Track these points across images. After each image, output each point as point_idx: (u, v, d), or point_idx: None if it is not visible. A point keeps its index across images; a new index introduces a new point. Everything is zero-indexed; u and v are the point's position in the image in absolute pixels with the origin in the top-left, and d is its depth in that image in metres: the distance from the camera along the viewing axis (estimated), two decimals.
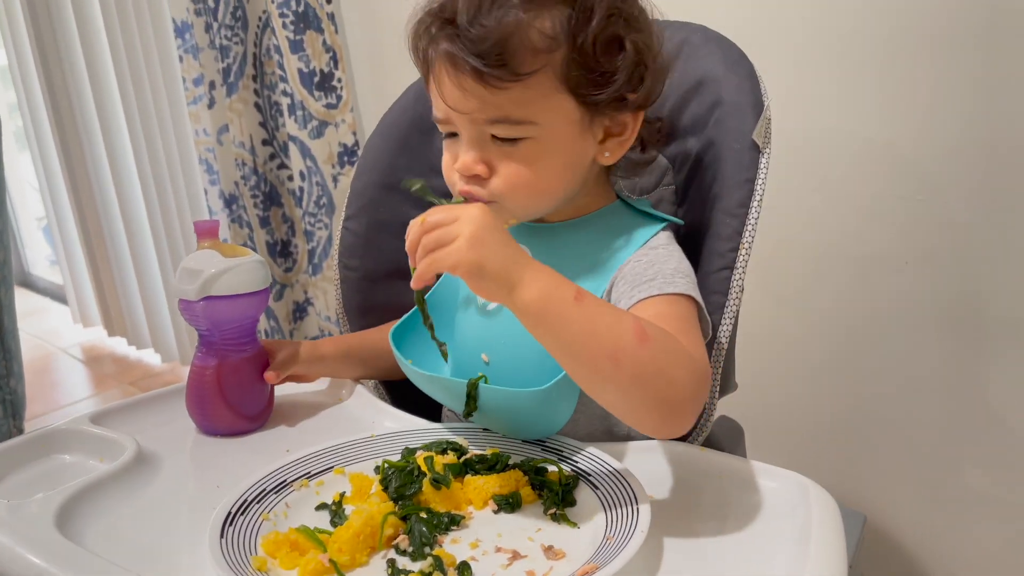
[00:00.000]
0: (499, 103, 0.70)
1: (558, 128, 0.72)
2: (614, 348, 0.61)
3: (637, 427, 0.66)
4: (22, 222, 3.45)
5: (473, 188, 0.75)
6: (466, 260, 0.61)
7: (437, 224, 0.62)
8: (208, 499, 0.70)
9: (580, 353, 0.62)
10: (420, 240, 0.63)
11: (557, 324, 0.62)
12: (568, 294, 0.62)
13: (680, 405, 0.64)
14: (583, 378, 0.65)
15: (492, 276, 0.61)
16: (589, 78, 0.71)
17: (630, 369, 0.61)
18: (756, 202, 0.79)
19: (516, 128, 0.72)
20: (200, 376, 0.82)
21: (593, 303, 0.63)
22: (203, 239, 0.82)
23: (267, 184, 1.85)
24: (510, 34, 0.68)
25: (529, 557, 0.62)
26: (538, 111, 0.71)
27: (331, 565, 0.59)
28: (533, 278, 0.62)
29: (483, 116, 0.72)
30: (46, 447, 0.79)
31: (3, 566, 0.61)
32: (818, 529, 0.63)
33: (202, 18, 1.76)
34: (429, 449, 0.74)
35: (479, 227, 0.61)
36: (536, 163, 0.73)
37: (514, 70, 0.69)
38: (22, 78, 2.69)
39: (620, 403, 0.65)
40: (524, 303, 0.62)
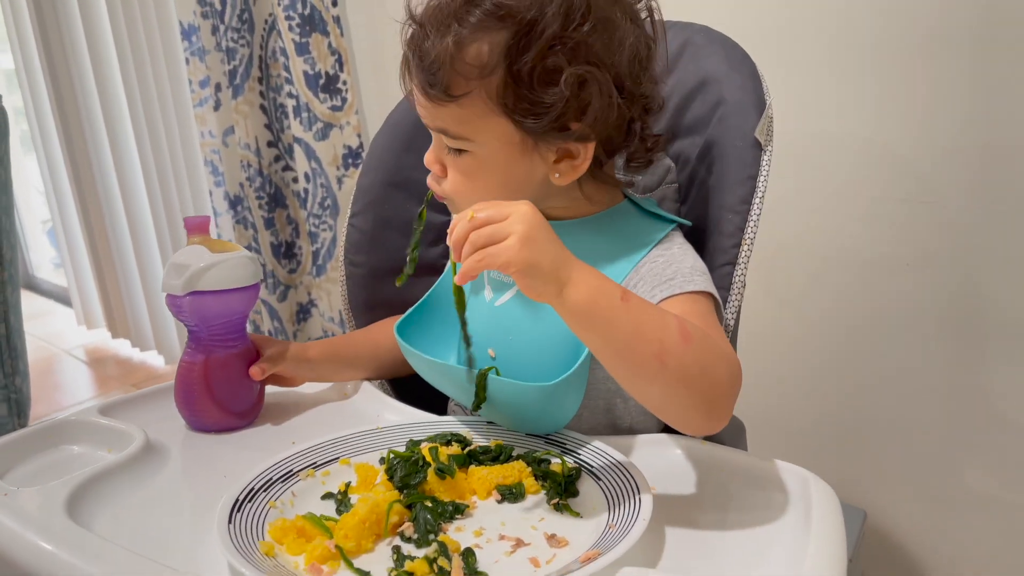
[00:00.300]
0: (440, 115, 0.73)
1: (495, 147, 0.74)
2: (660, 348, 0.62)
3: (678, 425, 0.67)
4: (27, 225, 3.46)
5: (433, 184, 0.79)
6: (519, 259, 0.60)
7: (487, 221, 0.61)
8: (215, 489, 0.71)
9: (627, 353, 0.62)
10: (467, 236, 0.61)
11: (604, 324, 0.62)
12: (615, 294, 0.62)
13: (721, 402, 0.65)
14: (628, 377, 0.65)
15: (543, 275, 0.61)
16: (523, 106, 0.71)
17: (676, 368, 0.62)
18: (758, 199, 0.80)
19: (455, 141, 0.74)
20: (188, 372, 0.82)
21: (638, 303, 0.63)
22: (193, 235, 0.82)
23: (272, 186, 1.86)
24: (445, 58, 0.70)
25: (532, 545, 0.63)
26: (474, 130, 0.73)
27: (337, 551, 0.60)
28: (581, 277, 0.62)
29: (430, 123, 0.75)
30: (55, 438, 0.80)
31: (14, 552, 0.61)
32: (818, 521, 0.63)
33: (209, 20, 1.77)
34: (434, 441, 0.75)
35: (531, 225, 0.61)
36: (474, 176, 0.75)
37: (447, 91, 0.71)
38: (29, 82, 2.71)
39: (664, 402, 0.65)
40: (573, 302, 0.61)
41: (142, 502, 0.70)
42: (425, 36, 0.71)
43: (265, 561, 0.58)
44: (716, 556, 0.62)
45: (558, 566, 0.59)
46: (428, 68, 0.71)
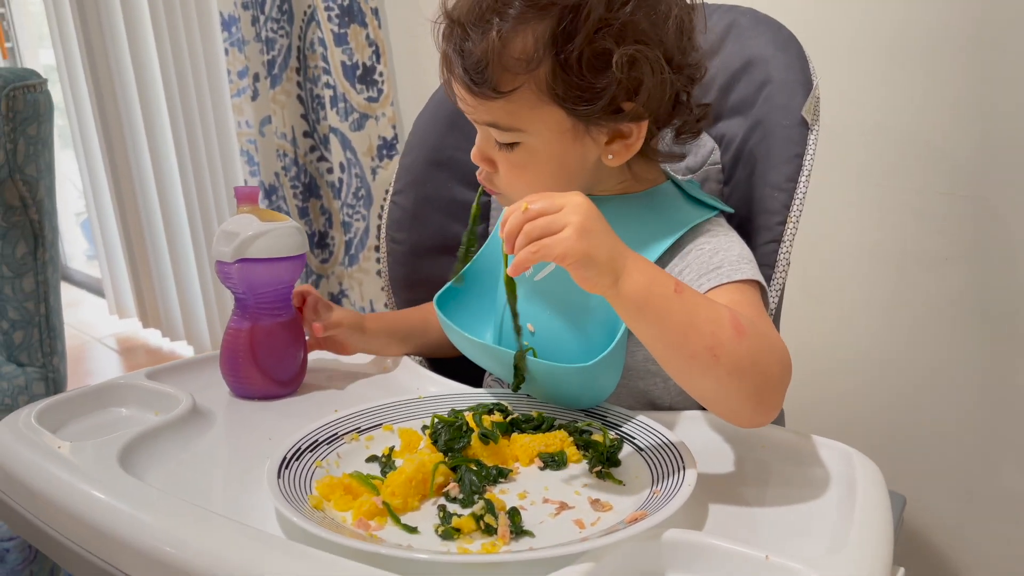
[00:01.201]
0: (489, 110, 0.73)
1: (547, 137, 0.73)
2: (713, 341, 0.61)
3: (728, 418, 0.67)
4: (61, 217, 3.51)
5: (484, 180, 0.79)
6: (575, 250, 0.59)
7: (541, 212, 0.60)
8: (261, 450, 0.72)
9: (680, 345, 0.62)
10: (521, 227, 0.61)
11: (658, 315, 0.62)
12: (669, 286, 0.62)
13: (772, 395, 0.65)
14: (680, 369, 0.64)
15: (599, 266, 0.60)
16: (574, 93, 0.70)
17: (728, 362, 0.62)
18: (804, 177, 0.80)
19: (506, 134, 0.73)
20: (234, 338, 0.83)
21: (692, 295, 0.63)
22: (243, 204, 0.83)
23: (307, 176, 1.88)
24: (489, 56, 0.69)
25: (576, 508, 0.63)
26: (525, 121, 0.72)
27: (384, 507, 0.61)
28: (636, 268, 0.61)
29: (478, 118, 0.75)
30: (103, 400, 0.81)
31: (69, 502, 0.62)
32: (863, 494, 0.63)
33: (249, 11, 1.80)
34: (476, 410, 0.76)
35: (586, 216, 0.60)
36: (529, 167, 0.75)
37: (495, 88, 0.70)
38: (69, 77, 2.76)
39: (715, 394, 0.65)
40: (627, 293, 0.61)
41: (191, 458, 0.71)
42: (465, 35, 0.70)
43: (314, 514, 0.59)
44: (760, 526, 0.62)
45: (603, 528, 0.59)
46: (473, 67, 0.70)
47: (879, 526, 0.59)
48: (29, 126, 1.46)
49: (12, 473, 0.67)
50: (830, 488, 0.66)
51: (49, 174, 1.54)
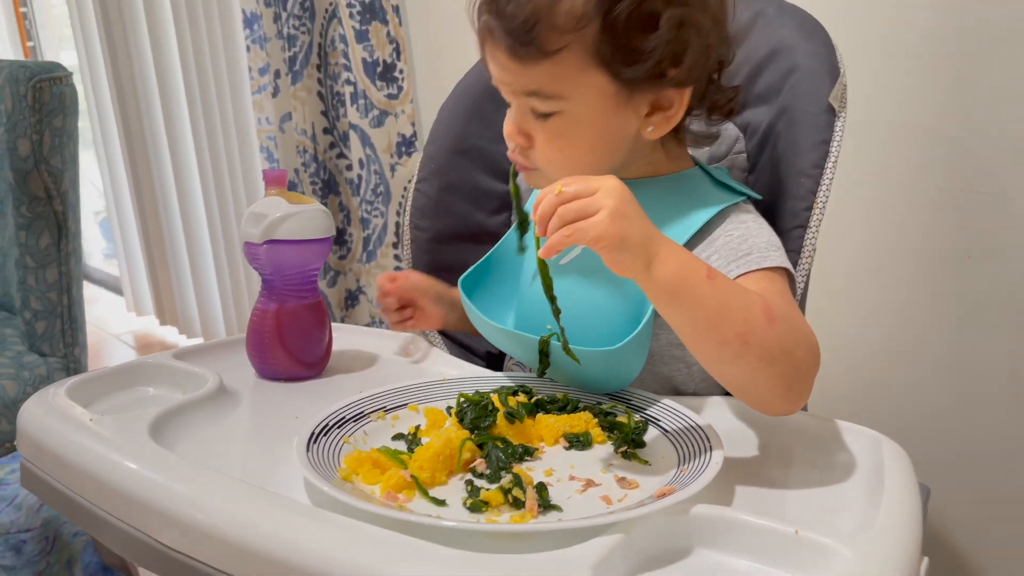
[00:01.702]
0: (532, 77, 0.72)
1: (591, 103, 0.72)
2: (745, 328, 0.61)
3: (757, 406, 0.67)
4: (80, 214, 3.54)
5: (517, 157, 0.78)
6: (609, 233, 0.59)
7: (576, 195, 0.60)
8: (287, 427, 0.72)
9: (710, 331, 0.62)
10: (554, 210, 0.60)
11: (690, 301, 0.62)
12: (701, 272, 0.62)
13: (801, 383, 0.65)
14: (710, 356, 0.64)
15: (632, 250, 0.60)
16: (621, 55, 0.70)
17: (759, 349, 0.62)
18: (831, 163, 0.80)
19: (548, 102, 0.73)
20: (261, 319, 0.84)
21: (724, 282, 0.63)
22: (271, 186, 0.84)
23: (326, 172, 1.89)
24: (538, 14, 0.69)
25: (603, 485, 0.63)
26: (569, 87, 0.72)
27: (412, 481, 0.61)
28: (669, 253, 0.61)
29: (519, 88, 0.73)
30: (131, 378, 0.82)
31: (100, 472, 0.63)
32: (891, 478, 0.63)
33: (271, 8, 1.81)
34: (500, 392, 0.76)
35: (620, 200, 0.60)
36: (568, 136, 0.74)
37: (541, 48, 0.69)
38: (91, 77, 2.79)
39: (745, 381, 0.65)
40: (660, 278, 0.61)
41: (219, 434, 0.72)
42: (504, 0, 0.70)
43: (344, 485, 0.59)
44: (788, 505, 0.62)
45: (630, 504, 0.60)
46: (519, 28, 0.69)
47: (908, 507, 0.59)
48: (55, 118, 1.48)
49: (43, 445, 0.68)
50: (857, 470, 0.66)
51: (73, 166, 1.56)
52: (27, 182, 1.48)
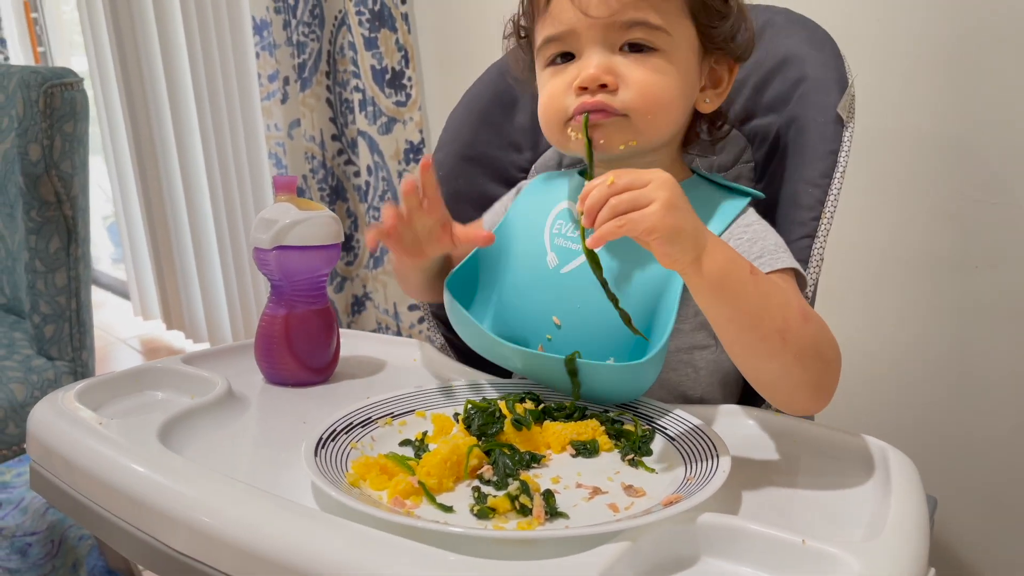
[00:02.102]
0: (638, 5, 0.73)
1: (683, 49, 0.75)
2: (784, 324, 0.62)
3: (783, 403, 0.68)
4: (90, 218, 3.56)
5: (602, 98, 0.74)
6: (663, 225, 0.59)
7: (628, 186, 0.60)
8: (295, 432, 0.72)
9: (752, 326, 0.63)
10: (605, 201, 0.60)
11: (734, 295, 0.62)
12: (745, 266, 0.63)
13: (829, 382, 0.66)
14: (747, 352, 0.65)
15: (683, 243, 0.60)
16: (706, 12, 0.75)
17: (795, 346, 0.63)
18: (839, 173, 0.80)
19: (653, 34, 0.73)
20: (269, 324, 0.84)
21: (764, 278, 0.64)
22: (281, 192, 0.85)
23: (334, 178, 1.90)
24: None
25: (610, 493, 0.63)
26: (671, 24, 0.74)
27: (420, 487, 0.61)
28: (716, 247, 0.62)
29: (622, 18, 0.73)
30: (140, 383, 0.83)
31: (109, 475, 0.63)
32: (898, 488, 0.62)
33: (281, 16, 1.82)
34: (508, 398, 0.76)
35: (672, 192, 0.60)
36: (664, 76, 0.74)
37: None
38: (101, 83, 2.81)
39: (778, 378, 0.66)
40: (708, 271, 0.61)
41: (227, 438, 0.72)
42: None
43: (352, 490, 0.59)
44: (795, 514, 0.62)
45: (637, 512, 0.60)
46: None
47: (915, 516, 0.59)
48: (66, 123, 1.48)
49: (52, 448, 0.69)
50: (864, 480, 0.66)
51: (83, 171, 1.57)
52: (37, 187, 1.49)
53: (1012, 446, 1.16)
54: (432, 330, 1.00)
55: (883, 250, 1.22)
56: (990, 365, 1.16)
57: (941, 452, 1.22)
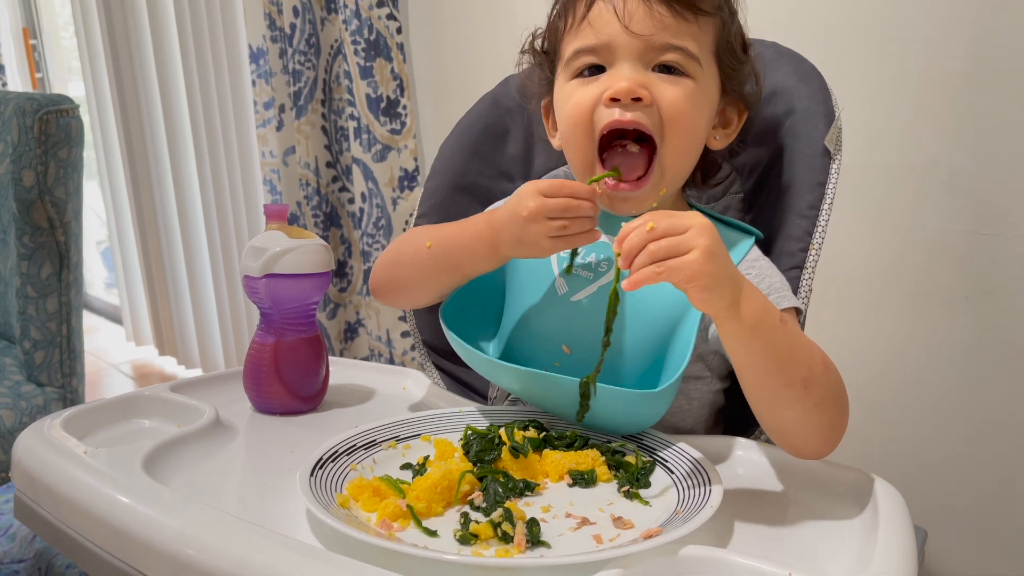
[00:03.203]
0: (680, 32, 0.74)
1: (710, 83, 0.78)
2: (808, 374, 0.63)
3: (794, 449, 0.68)
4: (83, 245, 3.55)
5: (635, 116, 0.74)
6: (704, 273, 0.59)
7: (667, 232, 0.60)
8: (283, 461, 0.72)
9: (779, 372, 0.63)
10: (644, 245, 0.60)
11: (767, 342, 0.63)
12: (776, 314, 0.64)
13: (840, 430, 0.67)
14: (771, 396, 0.65)
15: (721, 290, 0.61)
16: (730, 56, 0.78)
17: (816, 394, 0.64)
18: (827, 205, 0.80)
19: (688, 61, 0.75)
20: (258, 352, 0.84)
21: (793, 326, 0.65)
22: (271, 221, 0.85)
23: (328, 205, 1.90)
24: None
25: (598, 524, 0.63)
26: (705, 58, 0.76)
27: (408, 511, 0.61)
28: (751, 294, 0.63)
29: (661, 40, 0.74)
30: (127, 411, 0.82)
31: (92, 505, 0.63)
32: (886, 520, 0.62)
33: (277, 44, 1.84)
34: (512, 425, 0.75)
35: (712, 239, 0.60)
36: (693, 102, 0.76)
37: (699, 6, 0.75)
38: (98, 109, 2.82)
39: (795, 425, 0.66)
40: (745, 317, 0.62)
41: (214, 467, 0.72)
42: None
43: (339, 511, 0.59)
44: (784, 547, 0.62)
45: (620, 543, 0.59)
46: None
47: (903, 548, 0.59)
48: (60, 149, 1.49)
49: (37, 477, 0.68)
50: (852, 512, 0.66)
51: (77, 197, 1.57)
52: (30, 212, 1.49)
53: (1003, 477, 1.16)
54: (423, 357, 1.00)
55: (873, 283, 1.22)
56: (982, 397, 1.16)
57: (931, 483, 1.22)
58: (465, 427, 0.73)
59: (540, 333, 0.82)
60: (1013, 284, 1.11)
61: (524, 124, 1.01)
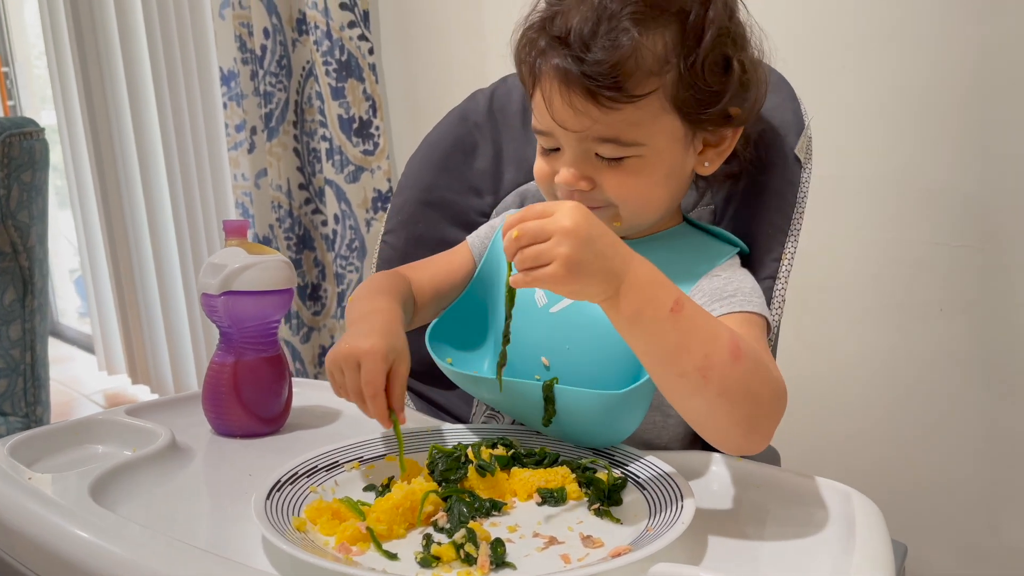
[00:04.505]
0: (610, 123, 0.72)
1: (663, 146, 0.74)
2: (704, 362, 0.61)
3: (716, 441, 0.66)
4: (55, 273, 3.51)
5: (581, 196, 0.75)
6: (563, 287, 0.60)
7: (533, 239, 0.59)
8: (241, 485, 0.69)
9: (668, 360, 0.62)
10: (514, 249, 0.60)
11: (648, 332, 0.61)
12: (666, 304, 0.61)
13: (764, 422, 0.65)
14: (669, 387, 0.64)
15: (588, 289, 0.60)
16: (697, 98, 0.72)
17: (718, 384, 0.61)
18: (798, 214, 0.79)
19: (624, 148, 0.73)
20: (217, 373, 0.81)
21: (692, 315, 0.62)
22: (231, 237, 0.83)
23: (301, 227, 1.88)
24: (626, 57, 0.69)
25: (566, 544, 0.61)
26: (646, 132, 0.73)
27: (368, 533, 0.59)
28: (632, 287, 0.60)
29: (592, 134, 0.73)
30: (79, 436, 0.79)
31: (35, 533, 0.60)
32: (863, 534, 0.61)
33: (248, 66, 1.82)
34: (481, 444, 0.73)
35: (575, 246, 0.59)
36: (640, 175, 0.74)
37: (628, 92, 0.70)
38: (69, 137, 2.79)
39: (704, 416, 0.65)
40: (621, 308, 0.61)
41: (166, 492, 0.69)
42: (585, 46, 0.70)
43: (295, 535, 0.57)
44: (760, 563, 0.60)
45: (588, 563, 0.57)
46: (607, 73, 0.69)
47: (881, 563, 0.57)
48: (23, 172, 1.46)
49: None
50: (829, 526, 0.64)
51: (41, 222, 1.54)
52: None
53: (985, 491, 1.14)
54: None
55: (851, 294, 1.22)
56: (961, 409, 1.15)
57: (913, 497, 1.20)
58: (431, 447, 0.70)
59: (522, 346, 0.80)
60: (988, 296, 1.10)
61: (492, 139, 1.00)
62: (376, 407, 0.69)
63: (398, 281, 0.85)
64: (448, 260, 0.91)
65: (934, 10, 1.07)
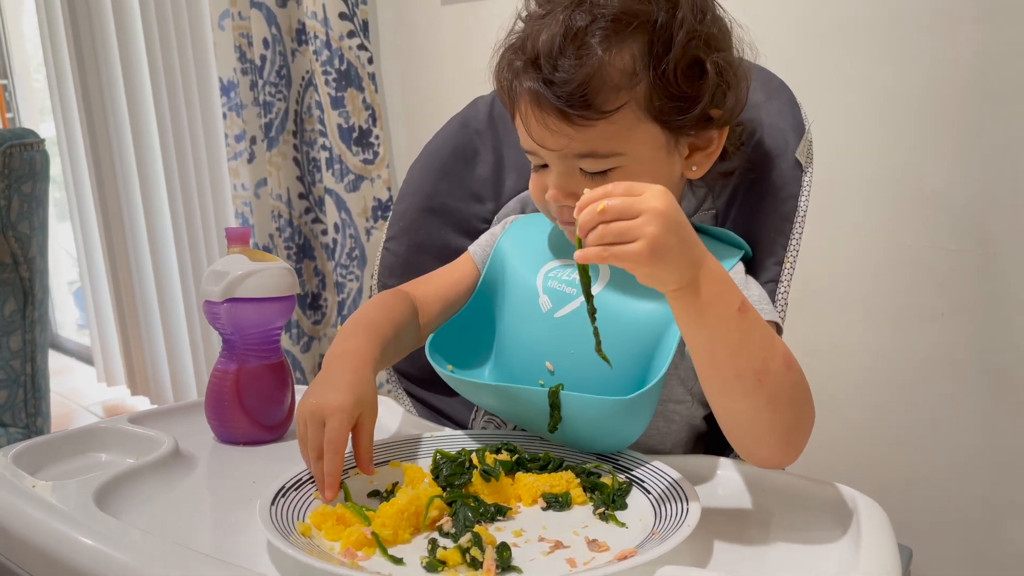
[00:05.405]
0: (585, 139, 0.72)
1: (645, 154, 0.74)
2: (762, 366, 0.61)
3: (750, 450, 0.66)
4: (54, 285, 3.51)
5: (567, 216, 0.75)
6: (642, 267, 0.58)
7: (619, 215, 0.58)
8: (243, 493, 0.69)
9: (728, 358, 0.62)
10: (595, 224, 0.59)
11: (713, 327, 0.61)
12: (734, 302, 0.61)
13: (800, 436, 0.65)
14: (722, 386, 0.64)
15: (666, 275, 0.59)
16: (672, 105, 0.72)
17: (770, 391, 0.62)
18: (800, 217, 0.79)
19: (603, 161, 0.73)
20: (220, 380, 0.81)
21: (754, 318, 0.62)
22: (233, 244, 0.83)
23: (301, 236, 1.88)
24: (591, 75, 0.70)
25: (572, 548, 0.61)
26: (624, 143, 0.73)
27: (373, 538, 0.59)
28: (706, 278, 0.60)
29: (570, 152, 0.73)
30: (82, 444, 0.79)
31: (40, 540, 0.60)
32: (869, 536, 0.61)
33: (248, 76, 1.83)
34: (485, 449, 0.73)
35: (663, 228, 0.57)
36: None
37: (598, 108, 0.70)
38: (69, 149, 2.79)
39: (747, 421, 0.64)
40: (690, 299, 0.60)
41: (170, 500, 0.68)
42: (554, 66, 0.70)
43: (300, 540, 0.57)
44: (766, 567, 0.60)
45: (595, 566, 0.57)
46: (576, 91, 0.70)
47: (887, 567, 0.57)
48: (24, 183, 1.46)
49: None
50: (834, 529, 0.64)
51: (42, 233, 1.54)
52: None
53: (989, 494, 1.14)
54: (394, 384, 0.98)
55: (850, 298, 1.22)
56: (962, 413, 1.15)
57: (917, 500, 1.20)
58: (435, 451, 0.70)
59: (526, 351, 0.81)
60: (988, 299, 1.10)
61: (493, 146, 1.00)
62: (333, 464, 0.65)
63: (394, 306, 0.83)
64: (452, 272, 0.91)
65: (934, 12, 1.07)
